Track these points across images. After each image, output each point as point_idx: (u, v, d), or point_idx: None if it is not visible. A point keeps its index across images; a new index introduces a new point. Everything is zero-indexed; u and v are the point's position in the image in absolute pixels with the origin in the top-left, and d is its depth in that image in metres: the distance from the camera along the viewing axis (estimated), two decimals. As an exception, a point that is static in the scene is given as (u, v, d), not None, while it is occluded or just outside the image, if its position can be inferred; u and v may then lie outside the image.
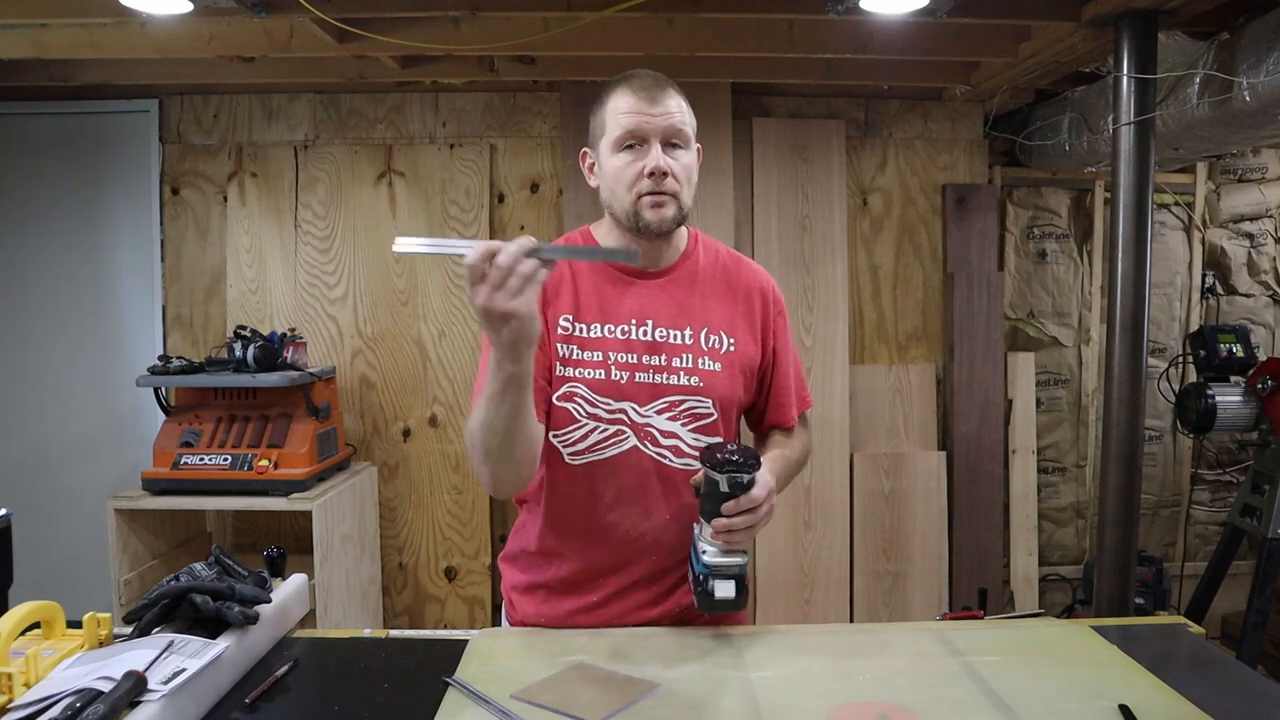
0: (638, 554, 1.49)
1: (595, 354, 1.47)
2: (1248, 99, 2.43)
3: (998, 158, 3.71)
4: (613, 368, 1.47)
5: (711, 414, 1.49)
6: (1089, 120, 3.18)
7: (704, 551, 1.34)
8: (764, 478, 1.34)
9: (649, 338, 1.49)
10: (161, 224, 3.52)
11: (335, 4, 2.48)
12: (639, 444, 1.47)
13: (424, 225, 3.47)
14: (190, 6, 2.35)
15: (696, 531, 1.38)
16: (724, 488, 1.31)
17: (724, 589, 1.33)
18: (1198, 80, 2.61)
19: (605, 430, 1.47)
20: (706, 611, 1.35)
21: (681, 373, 1.48)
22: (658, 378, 1.47)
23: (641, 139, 1.44)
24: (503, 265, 1.12)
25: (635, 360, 1.47)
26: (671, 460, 1.48)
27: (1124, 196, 2.45)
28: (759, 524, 1.34)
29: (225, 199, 3.50)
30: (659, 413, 1.47)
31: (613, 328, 1.49)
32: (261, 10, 2.42)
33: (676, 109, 1.46)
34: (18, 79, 3.20)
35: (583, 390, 1.47)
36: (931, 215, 3.64)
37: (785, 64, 3.18)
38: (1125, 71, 2.41)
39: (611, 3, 2.49)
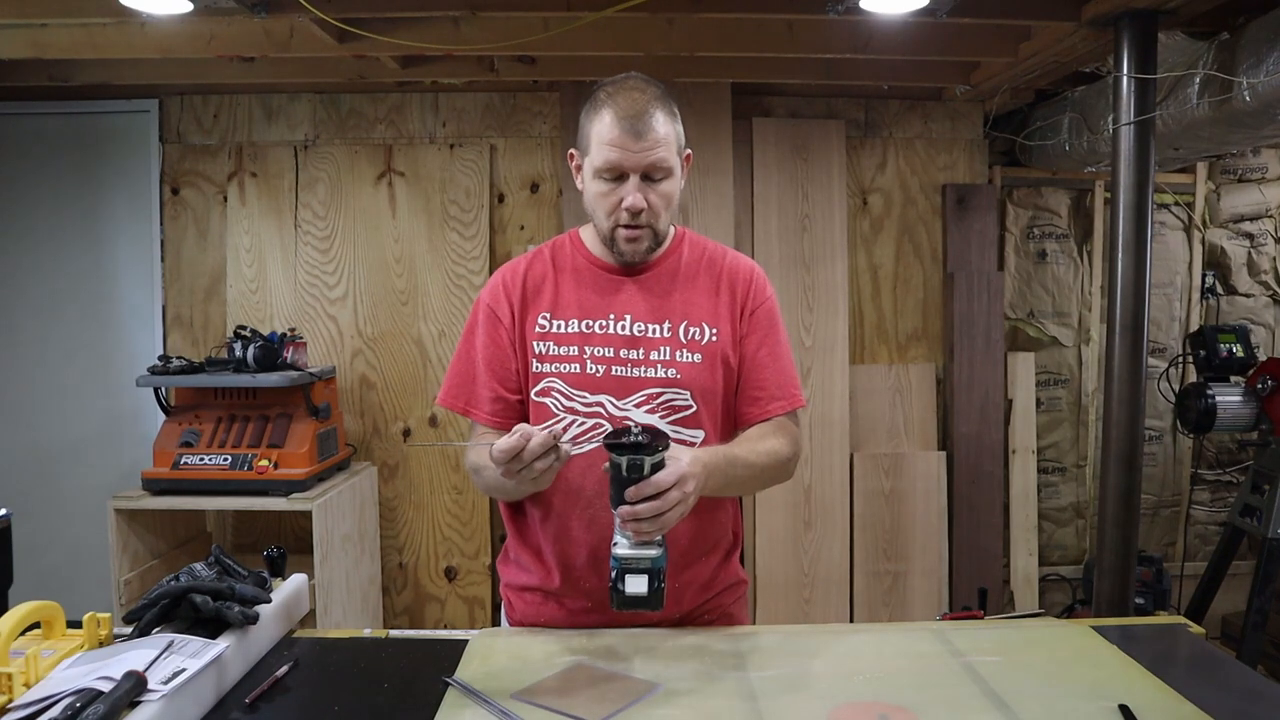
0: None
1: (570, 349, 1.49)
2: (1248, 99, 2.43)
3: (998, 158, 3.71)
4: (588, 361, 1.48)
5: (690, 405, 1.49)
6: (1089, 120, 3.18)
7: (615, 544, 1.27)
8: (677, 463, 1.26)
9: (626, 332, 1.49)
10: (161, 224, 3.52)
11: (335, 4, 2.48)
12: None
13: (424, 225, 3.47)
14: (190, 6, 2.35)
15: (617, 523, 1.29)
16: (624, 471, 1.24)
17: (635, 584, 1.25)
18: (1198, 80, 2.61)
19: (583, 424, 1.47)
20: (619, 609, 1.27)
21: (659, 365, 1.48)
22: (635, 371, 1.48)
23: (621, 173, 1.43)
24: (525, 460, 1.25)
25: (612, 354, 1.48)
26: None
27: (1124, 196, 2.45)
28: (669, 513, 1.24)
29: (225, 199, 3.49)
30: (637, 405, 1.47)
31: (590, 323, 1.50)
32: (261, 10, 2.42)
33: (660, 140, 1.41)
34: (18, 79, 3.20)
35: (559, 385, 1.48)
36: (931, 215, 3.64)
37: (785, 64, 3.18)
38: (1125, 71, 2.41)
39: (611, 3, 2.49)
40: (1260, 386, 3.15)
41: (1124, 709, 1.15)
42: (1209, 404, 3.18)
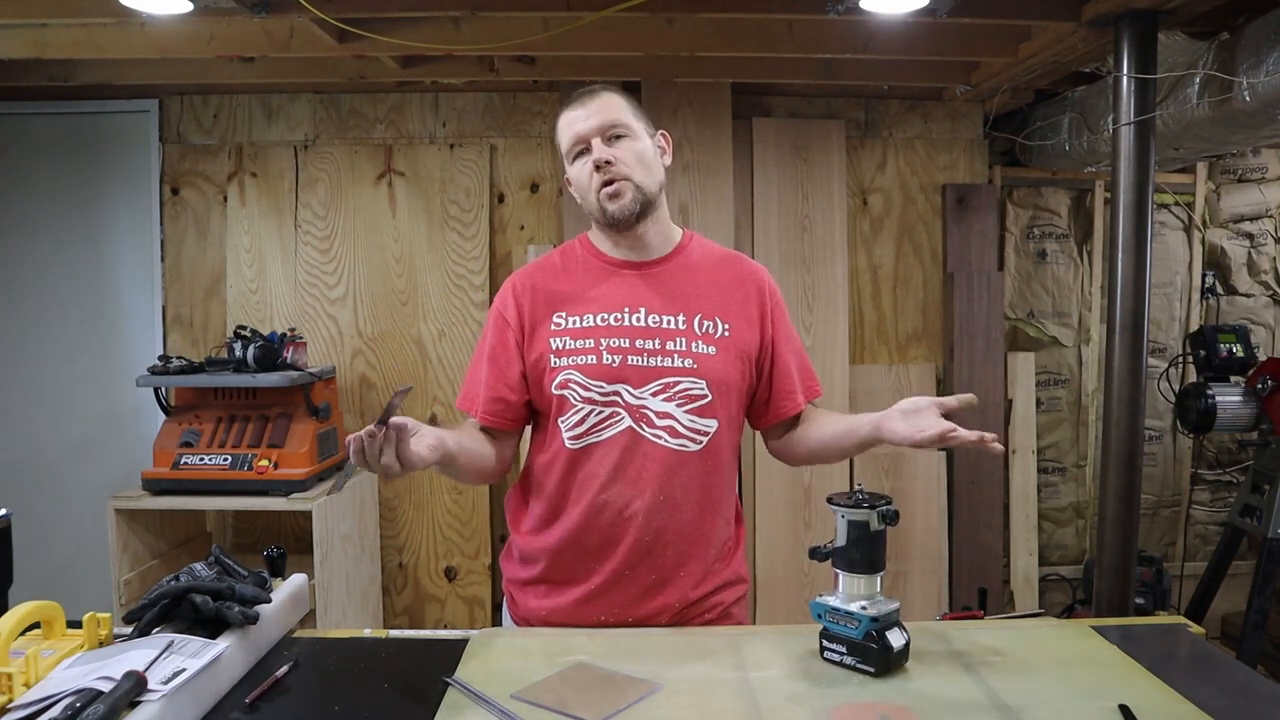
0: (628, 533, 1.51)
1: (587, 341, 1.52)
2: (1247, 99, 2.43)
3: (998, 158, 3.71)
4: (604, 352, 1.51)
5: (706, 395, 1.52)
6: (1089, 120, 3.18)
7: (862, 607, 1.28)
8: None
9: (642, 323, 1.53)
10: (161, 224, 3.52)
11: (335, 4, 2.48)
12: (634, 425, 1.50)
13: (424, 225, 3.47)
14: (190, 6, 2.35)
15: (832, 600, 1.31)
16: (875, 525, 1.28)
17: (898, 638, 1.28)
18: (1198, 80, 2.61)
19: (601, 413, 1.51)
20: (884, 672, 1.26)
21: (675, 355, 1.51)
22: (651, 360, 1.51)
23: (584, 142, 1.52)
24: (355, 449, 1.27)
25: (628, 344, 1.51)
26: (667, 440, 1.51)
27: (1124, 196, 2.45)
28: None
29: (225, 199, 3.49)
30: (654, 395, 1.50)
31: (605, 315, 1.54)
32: (261, 10, 2.42)
33: (610, 105, 1.52)
34: (18, 79, 3.20)
35: (576, 376, 1.51)
36: (931, 215, 3.64)
37: (785, 64, 3.18)
38: (1125, 71, 2.41)
39: (611, 3, 2.49)
40: (1260, 386, 3.15)
41: (1124, 709, 1.15)
42: (1209, 404, 3.18)
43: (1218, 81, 2.53)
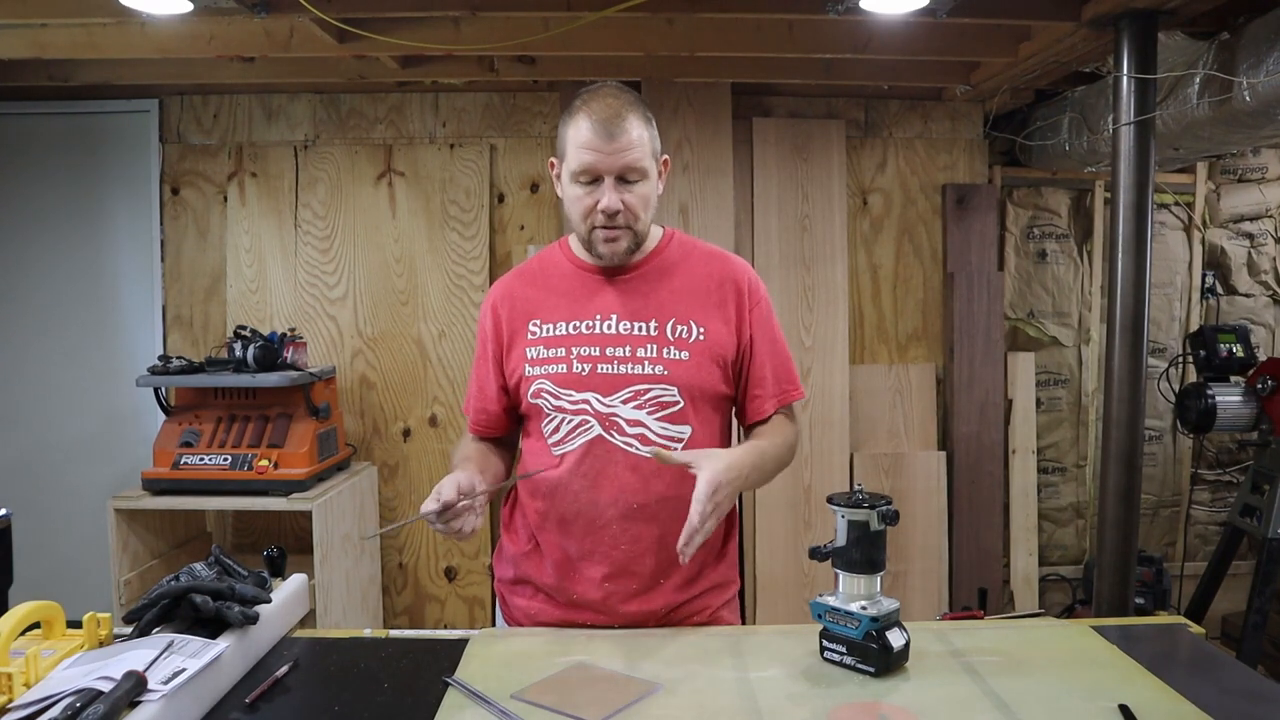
0: (607, 542, 1.51)
1: (558, 350, 1.53)
2: (1248, 99, 2.43)
3: (998, 158, 3.71)
4: (574, 361, 1.52)
5: (678, 402, 1.51)
6: (1089, 120, 3.18)
7: (862, 607, 1.27)
8: (711, 478, 1.34)
9: (613, 331, 1.53)
10: (161, 224, 3.52)
11: (335, 4, 2.48)
12: (604, 433, 1.50)
13: (424, 225, 3.47)
14: (190, 6, 2.35)
15: (832, 600, 1.31)
16: (875, 525, 1.28)
17: (898, 638, 1.28)
18: (1198, 80, 2.61)
19: (571, 421, 1.52)
20: (884, 672, 1.26)
21: (646, 362, 1.51)
22: (622, 368, 1.51)
23: (596, 176, 1.46)
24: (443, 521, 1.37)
25: (598, 353, 1.52)
26: (638, 448, 1.50)
27: (1124, 196, 2.45)
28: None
29: (225, 199, 3.49)
30: (624, 402, 1.50)
31: (576, 324, 1.54)
32: (261, 10, 2.42)
33: (633, 142, 1.45)
34: (18, 79, 3.20)
35: (547, 385, 1.53)
36: (931, 215, 3.64)
37: (785, 64, 3.18)
38: (1125, 71, 2.41)
39: (611, 3, 2.49)
40: (1260, 386, 3.15)
41: (1124, 709, 1.15)
42: (1209, 404, 3.18)
43: (1218, 81, 2.53)
